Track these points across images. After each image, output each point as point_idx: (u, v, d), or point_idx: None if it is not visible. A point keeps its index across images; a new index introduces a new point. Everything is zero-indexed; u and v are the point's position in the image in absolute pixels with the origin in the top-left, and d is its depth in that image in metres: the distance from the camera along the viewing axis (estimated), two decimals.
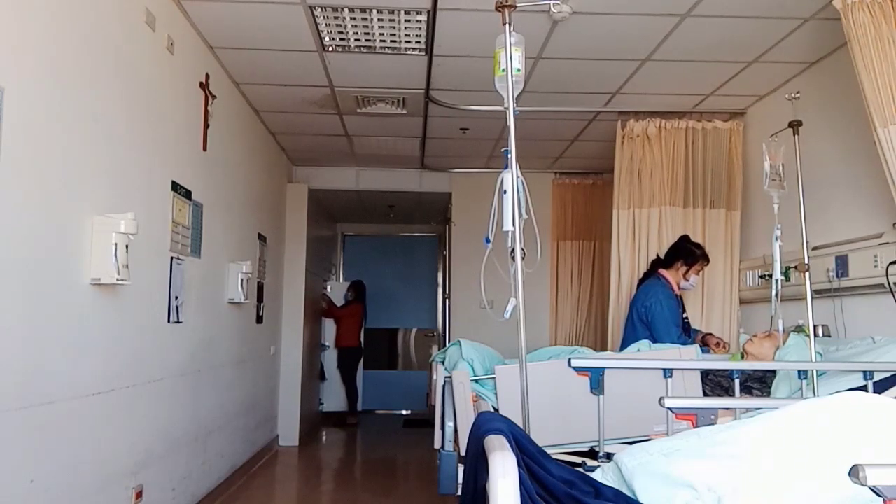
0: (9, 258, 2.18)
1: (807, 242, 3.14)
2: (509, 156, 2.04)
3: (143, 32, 3.13)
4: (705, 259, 4.11)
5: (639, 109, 4.85)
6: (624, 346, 3.95)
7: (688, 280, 4.05)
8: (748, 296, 4.61)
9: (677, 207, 4.75)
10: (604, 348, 4.99)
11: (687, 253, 4.07)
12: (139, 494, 3.14)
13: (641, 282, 4.23)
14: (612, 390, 2.52)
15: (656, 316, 3.84)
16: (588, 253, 6.68)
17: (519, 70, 2.08)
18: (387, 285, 8.92)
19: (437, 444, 2.93)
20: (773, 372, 3.07)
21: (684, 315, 4.08)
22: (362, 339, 8.49)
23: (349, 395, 8.14)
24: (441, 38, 3.81)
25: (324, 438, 7.25)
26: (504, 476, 1.12)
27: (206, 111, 3.98)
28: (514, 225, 2.02)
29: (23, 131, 2.23)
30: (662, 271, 4.07)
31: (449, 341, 5.42)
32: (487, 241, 2.15)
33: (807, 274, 3.08)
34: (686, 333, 3.98)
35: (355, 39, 3.85)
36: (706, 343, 3.92)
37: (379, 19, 3.60)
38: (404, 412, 8.72)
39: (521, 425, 1.78)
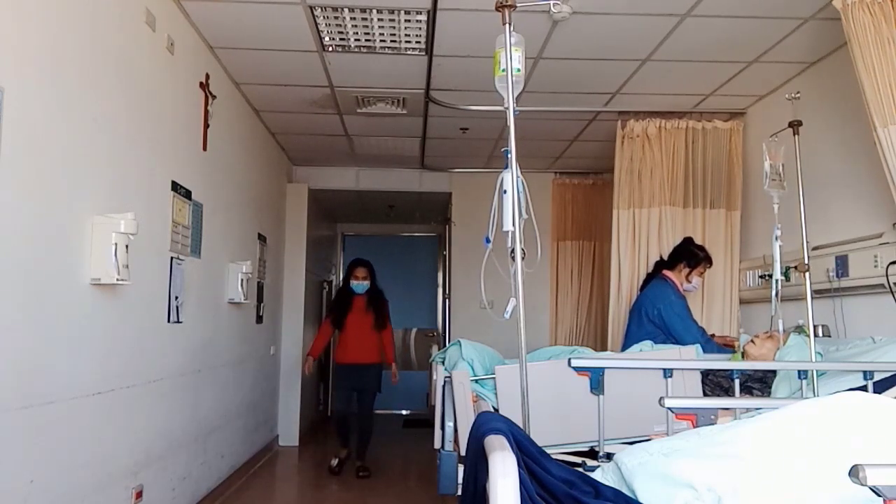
0: (9, 258, 2.18)
1: (807, 242, 3.14)
2: (509, 156, 2.04)
3: (143, 32, 3.13)
4: (708, 261, 4.10)
5: (639, 109, 4.85)
6: (628, 342, 3.94)
7: (690, 282, 4.04)
8: (748, 296, 4.61)
9: (677, 207, 4.76)
10: (604, 348, 4.99)
11: (690, 255, 4.06)
12: (139, 494, 3.14)
13: (645, 283, 4.21)
14: (612, 390, 2.52)
15: (673, 317, 3.81)
16: (588, 253, 6.68)
17: (519, 70, 2.07)
18: (387, 285, 8.89)
19: (437, 444, 2.93)
20: (774, 372, 3.07)
21: None
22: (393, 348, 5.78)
23: (362, 433, 5.50)
24: (441, 38, 3.81)
25: (324, 439, 7.24)
26: (504, 476, 1.12)
27: (206, 111, 3.98)
28: (514, 225, 2.02)
29: (23, 131, 2.23)
30: (666, 272, 4.06)
31: (449, 341, 5.42)
32: (487, 241, 2.15)
33: (807, 274, 3.08)
34: None
35: (355, 39, 3.85)
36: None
37: (379, 19, 3.60)
38: (404, 412, 8.72)
39: (521, 425, 1.78)
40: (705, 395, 2.93)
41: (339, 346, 5.58)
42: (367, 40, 3.86)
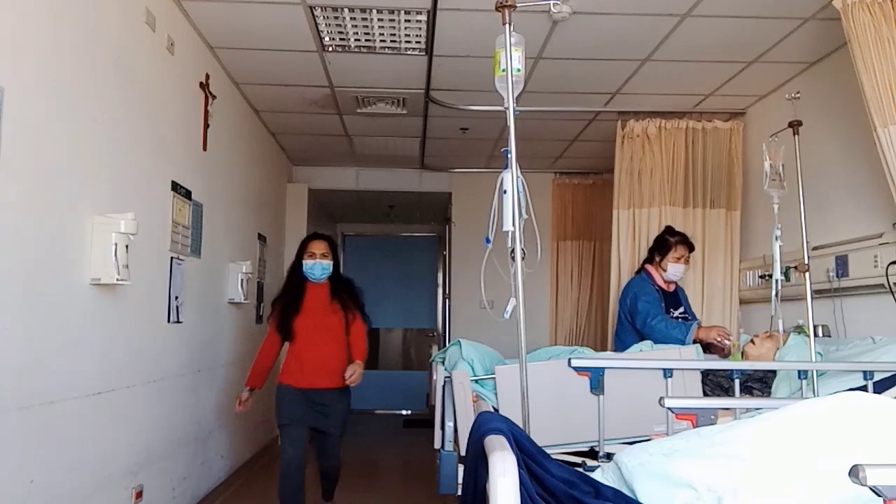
0: (9, 258, 2.18)
1: (807, 242, 3.14)
2: (509, 156, 2.04)
3: (143, 32, 3.13)
4: (684, 245, 3.91)
5: (639, 109, 4.85)
6: (616, 342, 3.94)
7: (666, 270, 3.88)
8: (748, 296, 4.61)
9: (677, 207, 4.75)
10: (604, 348, 4.99)
11: (658, 243, 3.98)
12: (139, 494, 3.14)
13: None
14: (612, 390, 2.52)
15: (634, 312, 3.76)
16: (588, 253, 6.68)
17: (519, 70, 2.07)
18: (387, 285, 8.91)
19: (437, 444, 2.92)
20: (774, 372, 3.07)
21: (681, 310, 4.03)
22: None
23: (327, 475, 3.86)
24: (441, 38, 3.81)
25: None
26: (504, 476, 1.12)
27: (206, 111, 3.98)
28: (514, 225, 2.02)
29: (23, 131, 2.23)
30: (647, 266, 4.01)
31: (449, 341, 5.42)
32: (487, 241, 2.15)
33: (807, 274, 3.08)
34: None
35: (355, 39, 3.85)
36: (707, 344, 3.75)
37: (379, 19, 3.60)
38: (404, 412, 8.72)
39: (521, 425, 1.78)
40: (705, 395, 2.93)
41: (288, 362, 3.63)
42: (367, 40, 3.86)
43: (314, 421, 3.58)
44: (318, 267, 3.65)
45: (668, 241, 3.93)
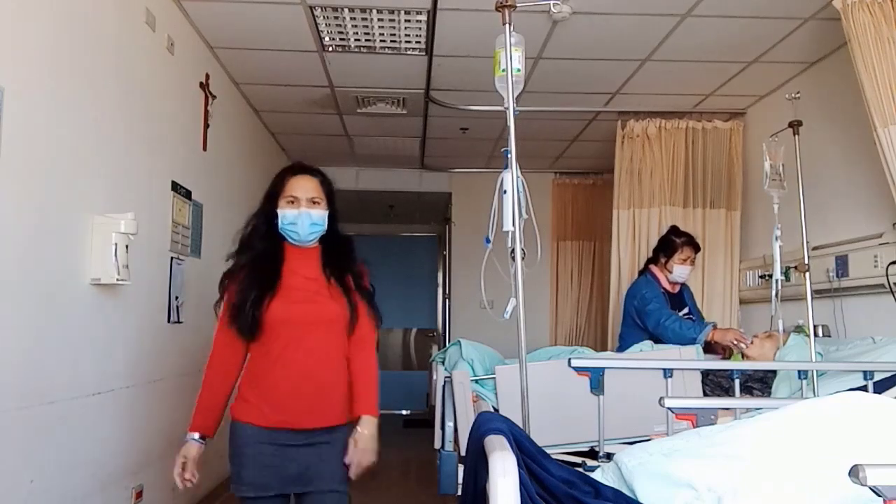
0: (9, 258, 2.18)
1: (807, 242, 3.14)
2: (509, 156, 2.04)
3: (143, 32, 3.13)
4: (690, 246, 3.84)
5: (639, 109, 4.85)
6: (620, 342, 3.92)
7: (671, 272, 3.82)
8: (748, 296, 4.61)
9: (677, 207, 4.75)
10: (604, 348, 4.99)
11: (664, 244, 3.90)
12: (139, 494, 3.14)
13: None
14: (612, 390, 2.52)
15: (644, 314, 3.69)
16: (588, 253, 6.68)
17: (519, 70, 2.07)
18: (387, 285, 8.88)
19: (437, 444, 2.93)
20: (774, 372, 3.07)
21: (686, 311, 4.02)
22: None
23: None
24: (441, 38, 3.81)
25: None
26: (504, 476, 1.13)
27: (206, 111, 3.98)
28: (514, 225, 2.02)
29: (23, 131, 2.23)
30: (651, 267, 3.95)
31: (449, 341, 5.42)
32: (487, 241, 2.15)
33: (807, 274, 3.08)
34: None
35: (355, 39, 3.85)
36: (707, 345, 3.58)
37: (379, 19, 3.60)
38: (404, 412, 8.72)
39: (521, 425, 1.78)
40: (705, 395, 2.93)
41: (249, 383, 2.20)
42: (367, 40, 3.86)
43: (295, 483, 2.14)
44: (304, 220, 2.13)
45: (674, 243, 3.84)
